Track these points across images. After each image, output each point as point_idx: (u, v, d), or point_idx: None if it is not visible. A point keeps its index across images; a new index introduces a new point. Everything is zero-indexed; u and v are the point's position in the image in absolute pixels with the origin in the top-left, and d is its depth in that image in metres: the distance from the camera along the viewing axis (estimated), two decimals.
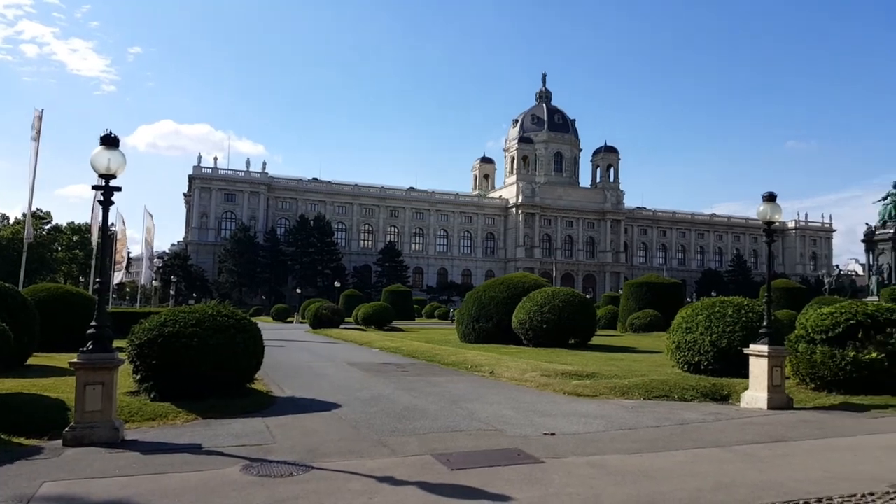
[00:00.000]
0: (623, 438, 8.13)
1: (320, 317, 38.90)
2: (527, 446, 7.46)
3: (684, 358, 14.50)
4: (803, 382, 12.11)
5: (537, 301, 22.75)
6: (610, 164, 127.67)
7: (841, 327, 11.40)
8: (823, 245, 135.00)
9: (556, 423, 9.05)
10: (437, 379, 14.28)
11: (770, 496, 5.71)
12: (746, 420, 9.67)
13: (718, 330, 13.82)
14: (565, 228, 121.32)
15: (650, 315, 35.00)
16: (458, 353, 18.90)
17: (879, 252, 48.83)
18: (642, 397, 11.60)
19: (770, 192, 11.17)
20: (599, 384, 12.58)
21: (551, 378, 13.52)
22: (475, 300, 25.77)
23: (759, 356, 10.74)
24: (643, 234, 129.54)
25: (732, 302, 14.66)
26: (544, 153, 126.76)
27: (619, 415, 9.84)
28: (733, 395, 11.55)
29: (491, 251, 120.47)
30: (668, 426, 9.03)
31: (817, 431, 8.83)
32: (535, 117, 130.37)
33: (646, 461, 6.94)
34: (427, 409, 10.03)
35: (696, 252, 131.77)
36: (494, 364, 16.08)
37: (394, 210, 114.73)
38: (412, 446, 7.48)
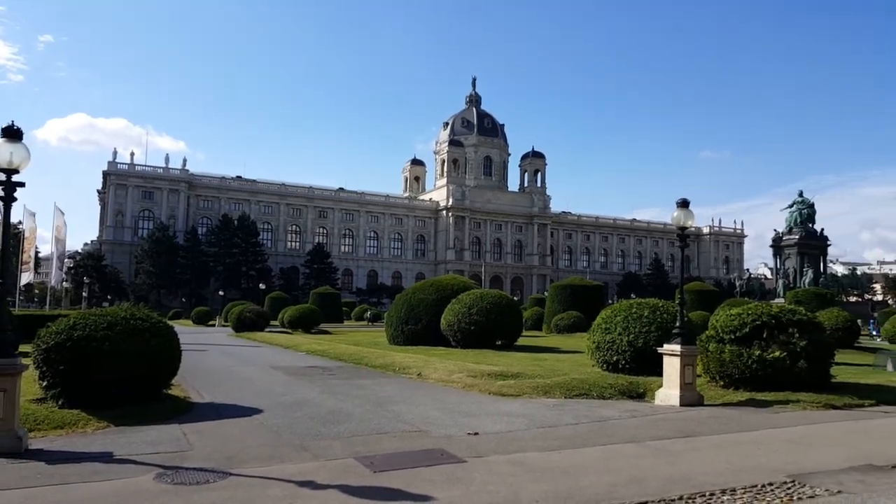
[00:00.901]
0: (544, 436, 8.33)
1: (244, 320, 37.81)
2: (450, 446, 7.53)
3: (603, 357, 15.02)
4: (713, 380, 12.78)
5: (466, 303, 22.99)
6: (537, 169, 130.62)
7: (748, 328, 12.10)
8: (735, 250, 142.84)
9: (480, 422, 9.17)
10: (364, 382, 14.18)
11: (679, 489, 5.99)
12: (660, 416, 10.11)
13: (635, 330, 14.40)
14: (494, 231, 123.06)
15: (574, 316, 36.01)
16: (387, 356, 18.83)
17: (786, 257, 52.18)
18: (564, 396, 11.92)
19: (683, 199, 11.74)
20: (523, 384, 12.84)
21: (477, 379, 13.69)
22: (404, 302, 25.76)
23: (673, 355, 11.27)
24: (568, 238, 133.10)
25: (648, 304, 15.31)
26: (474, 157, 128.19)
27: (541, 413, 10.08)
28: (649, 393, 12.04)
29: (421, 253, 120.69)
30: (586, 423, 9.33)
31: (725, 426, 9.34)
32: (465, 121, 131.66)
33: (564, 458, 7.14)
34: (352, 413, 9.94)
35: (618, 255, 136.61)
36: (422, 366, 16.12)
37: (322, 211, 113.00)
38: (335, 450, 7.40)
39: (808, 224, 52.08)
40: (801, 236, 50.90)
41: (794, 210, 52.98)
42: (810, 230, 51.83)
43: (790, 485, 6.25)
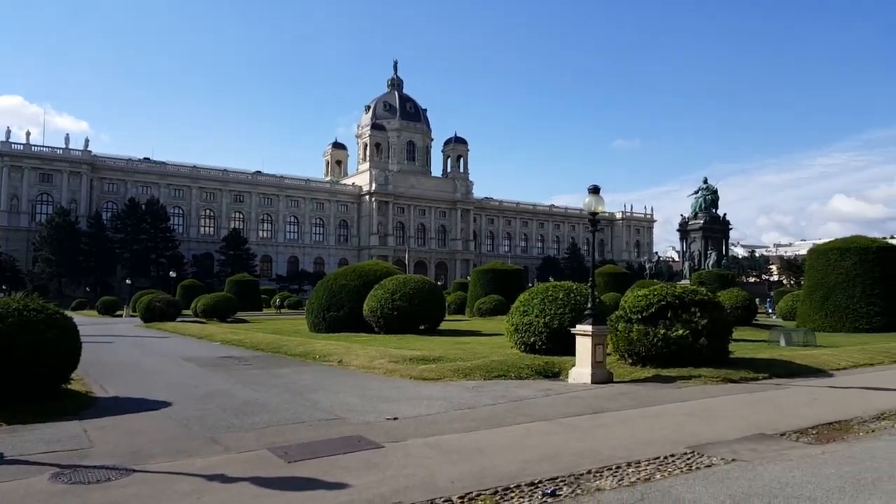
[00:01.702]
0: (462, 418, 8.46)
1: (153, 309, 36.09)
2: (368, 432, 7.51)
3: (521, 339, 15.39)
4: (623, 358, 13.37)
5: (389, 289, 22.93)
6: (460, 154, 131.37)
7: (654, 308, 12.71)
8: (646, 234, 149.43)
9: (399, 407, 9.19)
10: (282, 371, 13.89)
11: (588, 463, 6.24)
12: (573, 394, 10.49)
13: (551, 312, 14.84)
14: (418, 217, 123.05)
15: (495, 300, 36.71)
16: (307, 344, 18.52)
17: (692, 240, 55.06)
18: (483, 378, 12.14)
19: (594, 186, 12.14)
20: (444, 367, 12.97)
21: (399, 364, 13.71)
22: (326, 289, 25.40)
23: (584, 335, 11.69)
24: (491, 223, 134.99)
25: (563, 286, 15.80)
26: (397, 141, 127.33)
27: (460, 395, 10.23)
28: (563, 372, 12.46)
29: (344, 239, 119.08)
30: (503, 403, 9.55)
31: (631, 402, 9.80)
32: (387, 105, 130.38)
33: (481, 438, 7.28)
34: (268, 403, 9.73)
35: (538, 240, 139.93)
36: (343, 353, 15.98)
37: (239, 195, 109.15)
38: (248, 441, 7.22)
39: (711, 209, 55.11)
40: (705, 221, 53.80)
41: (699, 196, 55.89)
42: (714, 215, 54.88)
43: (690, 455, 6.64)
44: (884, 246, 27.18)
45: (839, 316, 25.30)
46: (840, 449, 6.98)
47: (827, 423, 8.27)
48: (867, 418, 8.62)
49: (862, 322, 24.77)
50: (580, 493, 5.33)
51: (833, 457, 6.58)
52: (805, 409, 9.36)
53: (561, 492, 5.35)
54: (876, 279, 25.27)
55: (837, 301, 25.50)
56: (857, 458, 6.53)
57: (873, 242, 27.35)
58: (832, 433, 7.81)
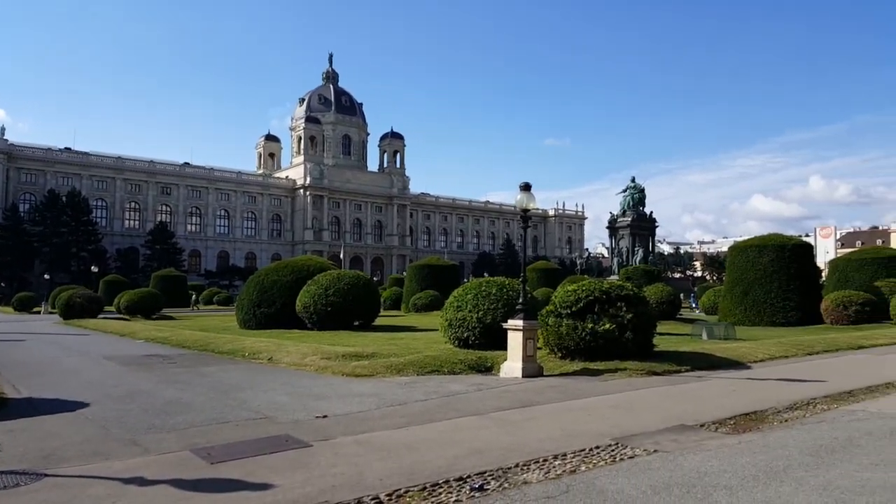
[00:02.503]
0: (393, 414, 8.41)
1: (73, 305, 34.26)
2: (297, 431, 7.35)
3: (455, 334, 15.47)
4: (553, 352, 13.64)
5: (322, 284, 22.61)
6: (396, 150, 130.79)
7: (582, 302, 13.03)
8: (577, 230, 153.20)
9: (330, 405, 9.06)
10: (209, 369, 13.44)
11: (516, 457, 6.32)
12: (503, 388, 10.62)
13: (484, 307, 14.99)
14: (354, 212, 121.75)
15: (431, 295, 36.81)
16: (236, 341, 18.01)
17: (620, 237, 56.85)
18: (416, 373, 12.12)
19: (525, 183, 12.30)
20: (377, 364, 12.88)
21: (331, 361, 13.52)
22: (257, 284, 24.80)
23: (516, 330, 11.86)
24: (427, 219, 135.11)
25: (496, 282, 15.98)
26: (332, 135, 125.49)
27: (392, 392, 10.17)
28: (495, 367, 12.60)
29: (277, 233, 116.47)
30: (435, 399, 9.57)
31: (560, 395, 10.01)
32: (322, 97, 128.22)
33: (411, 434, 7.27)
34: (192, 402, 9.38)
35: (473, 236, 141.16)
36: (274, 350, 15.63)
37: (166, 187, 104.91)
38: (169, 443, 6.93)
39: (639, 207, 57.06)
40: (633, 218, 55.66)
41: (627, 194, 57.75)
42: (641, 213, 56.84)
43: (614, 447, 6.83)
44: (799, 244, 28.85)
45: (758, 310, 26.71)
46: (755, 438, 7.33)
47: (744, 414, 8.68)
48: (781, 408, 9.10)
49: (779, 316, 26.23)
50: (507, 486, 5.39)
51: (749, 446, 6.91)
52: (724, 400, 9.80)
53: (489, 486, 5.39)
54: (792, 275, 26.80)
55: (756, 296, 26.90)
56: (771, 447, 6.88)
57: (789, 240, 28.98)
58: (749, 423, 8.19)
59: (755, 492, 5.26)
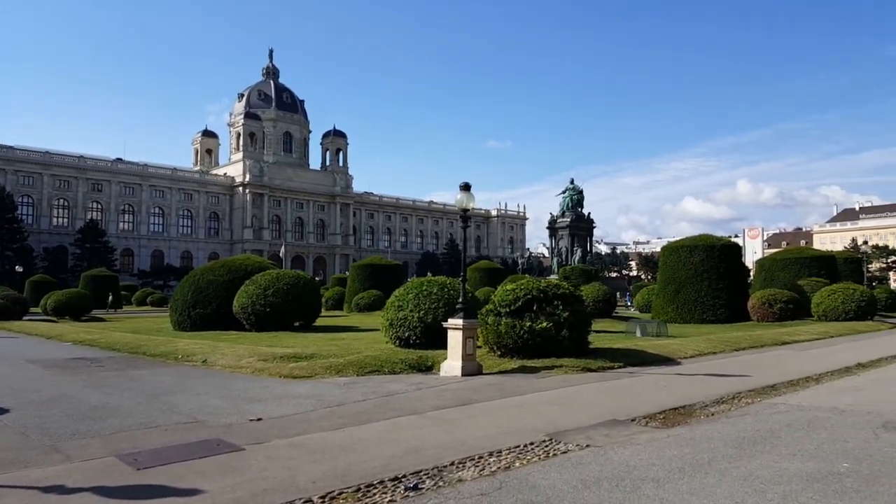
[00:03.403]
0: (330, 416, 8.31)
1: None
2: (229, 435, 7.17)
3: (396, 334, 15.44)
4: (492, 350, 13.79)
5: (261, 284, 22.13)
6: (339, 148, 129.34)
7: (520, 301, 13.22)
8: (519, 231, 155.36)
9: (265, 407, 8.87)
10: (139, 372, 12.94)
11: (452, 455, 6.35)
12: (443, 387, 10.66)
13: (425, 307, 15.02)
14: (296, 210, 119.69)
15: (374, 295, 36.58)
16: (169, 343, 17.40)
17: (560, 237, 57.91)
18: (356, 374, 12.02)
19: (465, 183, 12.40)
20: (316, 364, 12.70)
21: (268, 362, 13.26)
22: (192, 284, 24.04)
23: (456, 329, 11.94)
24: (371, 218, 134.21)
25: (438, 281, 16.04)
26: (273, 132, 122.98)
27: (331, 393, 10.06)
28: (436, 366, 12.64)
29: (215, 232, 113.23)
30: (374, 399, 9.51)
31: (498, 393, 10.12)
32: (262, 93, 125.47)
33: (347, 435, 7.20)
34: (120, 407, 9.01)
35: (417, 236, 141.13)
36: (209, 352, 15.19)
37: (97, 183, 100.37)
38: (93, 449, 6.64)
39: (578, 208, 58.29)
40: (572, 219, 56.82)
41: (566, 196, 58.91)
42: (580, 214, 58.09)
43: (548, 442, 6.96)
44: (728, 244, 30.13)
45: (689, 308, 27.74)
46: (683, 432, 7.61)
47: (673, 409, 8.99)
48: (708, 403, 9.48)
49: (708, 314, 27.32)
50: (442, 485, 5.41)
51: (676, 440, 7.17)
52: (655, 395, 10.13)
53: (423, 485, 5.40)
54: (721, 274, 27.96)
55: (687, 295, 27.93)
56: (697, 440, 7.15)
57: (719, 241, 30.23)
58: (677, 417, 8.50)
59: (681, 484, 5.46)
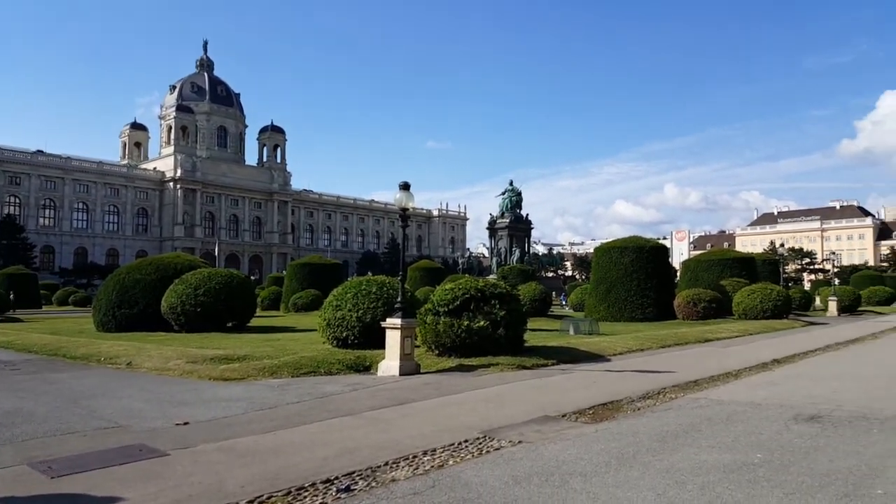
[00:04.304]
0: (262, 418, 8.13)
1: None
2: (153, 440, 6.90)
3: (334, 334, 15.25)
4: (430, 349, 13.84)
5: (191, 283, 21.42)
6: (277, 144, 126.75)
7: (459, 301, 13.33)
8: (460, 231, 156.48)
9: (193, 411, 8.59)
10: (58, 376, 12.30)
11: (387, 455, 6.33)
12: (380, 387, 10.61)
13: (364, 306, 14.89)
14: (230, 207, 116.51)
15: (312, 295, 36.03)
16: (92, 345, 16.59)
17: (499, 238, 58.70)
18: (291, 375, 11.81)
19: (405, 182, 12.39)
20: (248, 366, 12.41)
21: (198, 364, 12.85)
22: (117, 283, 23.00)
23: (394, 328, 11.90)
24: (310, 217, 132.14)
25: (377, 280, 15.94)
26: (206, 126, 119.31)
27: (263, 395, 9.84)
28: (374, 366, 12.56)
29: (144, 229, 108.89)
30: (308, 401, 9.37)
31: (435, 392, 10.16)
32: (195, 86, 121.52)
33: (279, 438, 7.06)
34: (35, 412, 8.53)
35: (358, 235, 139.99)
36: (134, 354, 14.58)
37: (14, 177, 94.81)
38: (4, 457, 6.24)
39: (516, 210, 59.27)
40: (511, 220, 57.73)
41: (505, 197, 59.81)
42: (518, 215, 59.08)
43: (482, 440, 7.03)
44: (656, 246, 31.25)
45: (619, 307, 28.61)
46: (611, 427, 7.84)
47: (602, 404, 9.26)
48: (635, 398, 9.80)
49: (637, 312, 28.26)
50: (375, 485, 5.39)
51: (604, 434, 7.38)
52: (585, 391, 10.40)
53: (356, 486, 5.36)
54: (649, 275, 28.97)
55: (618, 294, 28.81)
56: (624, 434, 7.39)
57: (647, 242, 31.31)
58: (605, 412, 8.75)
59: (607, 477, 5.63)
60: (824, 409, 8.78)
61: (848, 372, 13.13)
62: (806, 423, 7.86)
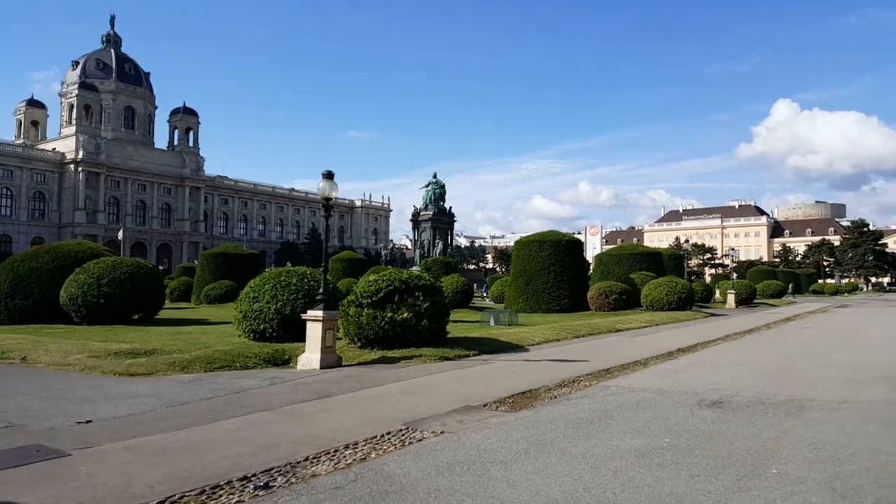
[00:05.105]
0: (172, 415, 7.76)
1: None
2: (52, 440, 6.44)
3: (251, 327, 14.80)
4: (353, 342, 13.68)
5: (94, 273, 20.18)
6: (189, 127, 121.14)
7: (382, 292, 13.23)
8: (383, 222, 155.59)
9: (97, 408, 8.09)
10: None
11: (307, 450, 6.19)
12: (300, 381, 10.38)
13: (283, 298, 14.52)
14: (138, 192, 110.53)
15: (226, 286, 34.82)
16: None
17: (422, 230, 58.84)
18: (203, 370, 11.36)
19: (328, 171, 12.14)
20: (157, 361, 11.82)
21: (101, 359, 12.14)
22: (10, 272, 21.37)
23: (315, 321, 11.67)
24: (224, 204, 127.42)
25: (297, 272, 15.58)
26: (112, 105, 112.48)
27: (174, 391, 9.40)
28: (293, 359, 12.28)
29: (41, 214, 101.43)
30: (223, 396, 9.03)
31: (357, 384, 10.06)
32: (100, 63, 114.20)
33: (192, 435, 6.76)
34: None
35: (277, 224, 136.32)
36: (30, 348, 13.58)
37: None
38: None
39: (440, 202, 59.61)
40: (434, 213, 58.02)
41: (429, 189, 60.02)
42: (441, 208, 59.44)
43: (404, 431, 7.02)
44: (572, 240, 32.30)
45: (537, 298, 29.39)
46: (529, 415, 8.02)
47: (521, 393, 9.46)
48: (552, 386, 10.07)
49: (554, 304, 29.12)
50: (294, 481, 5.26)
51: (523, 422, 7.54)
52: (505, 380, 10.60)
53: (275, 482, 5.21)
54: (565, 267, 29.89)
55: (536, 286, 29.57)
56: (542, 422, 7.58)
57: (564, 237, 32.32)
58: (525, 401, 8.95)
59: (526, 464, 5.75)
60: (725, 394, 9.35)
61: (745, 360, 14.04)
62: (709, 409, 8.34)
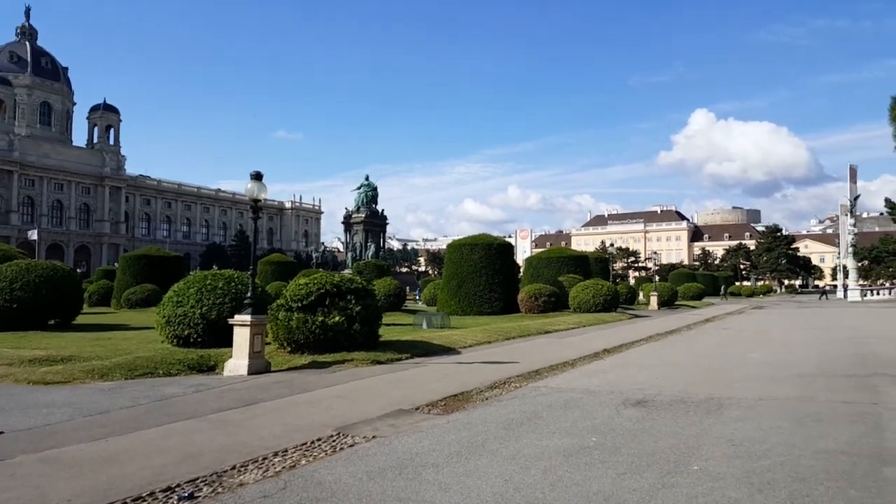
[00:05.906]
0: (91, 425, 7.42)
1: None
2: None
3: (174, 332, 14.29)
4: (282, 346, 13.43)
5: (6, 276, 19.13)
6: (110, 124, 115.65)
7: (313, 296, 13.07)
8: (314, 224, 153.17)
9: (8, 419, 7.63)
10: None
11: (234, 458, 6.05)
12: (227, 388, 10.12)
13: (209, 302, 14.10)
14: (54, 192, 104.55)
15: (148, 290, 33.45)
16: None
17: (355, 232, 58.38)
18: (124, 377, 10.89)
19: (257, 172, 11.90)
20: (75, 368, 11.26)
21: (13, 367, 11.47)
22: None
23: (243, 325, 11.40)
24: (147, 205, 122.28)
25: (223, 275, 15.17)
26: (27, 101, 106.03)
27: (92, 400, 8.98)
28: (220, 365, 11.94)
29: None
30: (145, 404, 8.70)
31: (286, 390, 9.89)
32: (14, 55, 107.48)
33: (112, 446, 6.49)
34: None
35: (202, 225, 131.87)
36: None
37: None
38: None
39: (372, 205, 59.35)
40: (366, 215, 57.71)
41: (361, 192, 59.67)
42: (374, 210, 59.20)
43: (335, 437, 6.97)
44: (503, 243, 32.83)
45: (469, 301, 29.71)
46: (461, 417, 8.12)
47: (453, 395, 9.56)
48: (483, 388, 10.22)
49: (485, 307, 29.51)
50: (221, 490, 5.14)
51: (455, 425, 7.63)
52: (437, 384, 10.67)
53: (200, 493, 5.07)
54: (496, 270, 30.36)
55: (468, 289, 29.88)
56: (473, 424, 7.69)
57: (495, 240, 32.81)
58: (456, 404, 9.05)
59: (458, 466, 5.84)
60: (649, 394, 9.75)
61: (668, 360, 14.67)
62: (633, 408, 8.68)
